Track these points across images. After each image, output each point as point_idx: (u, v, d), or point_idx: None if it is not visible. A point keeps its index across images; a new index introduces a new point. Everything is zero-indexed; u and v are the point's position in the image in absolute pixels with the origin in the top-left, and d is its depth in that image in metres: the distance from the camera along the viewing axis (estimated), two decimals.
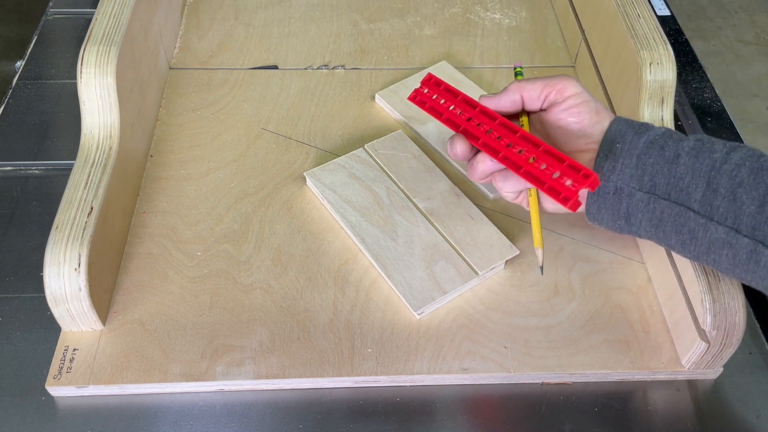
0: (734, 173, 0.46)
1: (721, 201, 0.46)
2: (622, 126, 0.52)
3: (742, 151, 0.47)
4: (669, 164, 0.49)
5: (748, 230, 0.45)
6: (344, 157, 0.66)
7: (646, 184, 0.49)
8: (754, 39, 2.12)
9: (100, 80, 0.57)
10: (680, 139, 0.50)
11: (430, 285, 0.57)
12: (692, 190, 0.47)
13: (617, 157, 0.50)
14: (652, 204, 0.49)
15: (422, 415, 0.52)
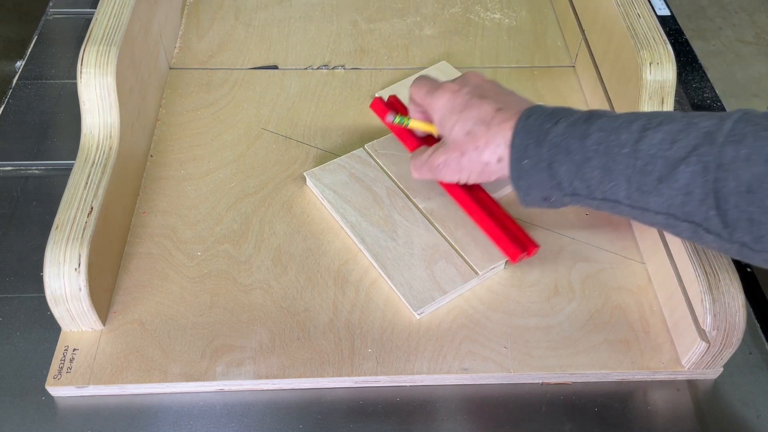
0: (649, 168, 0.45)
1: (648, 197, 0.46)
2: (523, 138, 0.50)
3: (649, 135, 0.46)
4: (580, 167, 0.48)
5: (684, 215, 0.45)
6: (344, 157, 0.66)
7: (567, 189, 0.49)
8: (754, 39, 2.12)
9: (100, 80, 0.57)
10: (583, 135, 0.48)
11: (430, 285, 0.57)
12: (616, 189, 0.47)
13: (530, 174, 0.50)
14: (582, 202, 0.50)
15: (422, 415, 0.52)
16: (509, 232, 0.58)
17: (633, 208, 0.47)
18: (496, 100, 0.53)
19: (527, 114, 0.51)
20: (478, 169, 0.53)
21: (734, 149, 0.42)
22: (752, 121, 0.43)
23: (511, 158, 0.50)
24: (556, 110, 0.51)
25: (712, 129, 0.44)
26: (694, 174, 0.43)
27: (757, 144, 0.42)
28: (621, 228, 0.64)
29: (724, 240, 0.44)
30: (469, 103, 0.54)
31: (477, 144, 0.52)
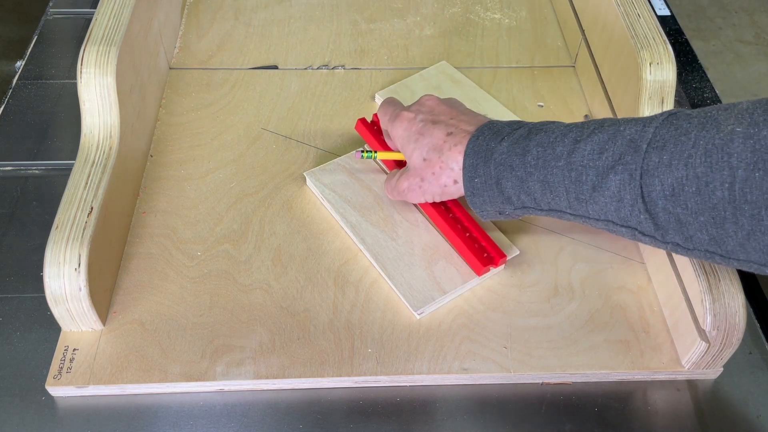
0: (582, 178, 0.48)
1: (586, 205, 0.49)
2: (472, 158, 0.53)
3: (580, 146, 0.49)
4: (524, 182, 0.51)
5: (621, 221, 0.48)
6: (344, 157, 0.66)
7: (516, 203, 0.52)
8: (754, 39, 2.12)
9: (100, 80, 0.57)
10: (524, 151, 0.51)
11: (430, 285, 0.57)
12: (558, 199, 0.50)
13: (481, 191, 0.53)
14: (532, 212, 0.53)
15: (422, 415, 0.52)
16: (475, 245, 0.58)
17: (575, 216, 0.51)
18: (447, 124, 0.56)
19: (476, 135, 0.54)
20: (438, 191, 0.57)
21: (657, 155, 0.44)
22: (674, 124, 0.45)
23: (464, 178, 0.54)
24: (502, 128, 0.54)
25: (635, 137, 0.46)
26: (622, 181, 0.46)
27: (677, 149, 0.44)
28: None
29: (659, 241, 0.47)
30: (423, 130, 0.57)
31: (433, 170, 0.56)
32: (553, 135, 0.50)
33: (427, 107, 0.59)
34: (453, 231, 0.59)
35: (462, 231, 0.59)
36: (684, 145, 0.43)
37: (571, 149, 0.49)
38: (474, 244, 0.58)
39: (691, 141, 0.43)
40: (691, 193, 0.43)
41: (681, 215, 0.44)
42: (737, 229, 0.42)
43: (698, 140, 0.43)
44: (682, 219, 0.44)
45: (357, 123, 0.68)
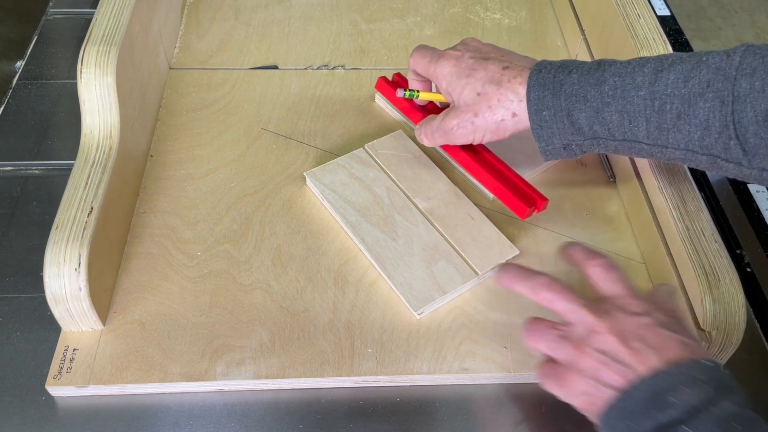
0: (667, 106, 0.48)
1: (667, 134, 0.49)
2: (538, 91, 0.52)
3: (663, 75, 0.48)
4: (600, 112, 0.50)
5: (703, 149, 0.48)
6: (344, 157, 0.66)
7: (587, 134, 0.51)
8: (754, 39, 2.12)
9: (100, 80, 0.57)
10: (599, 82, 0.50)
11: (430, 285, 0.57)
12: (636, 129, 0.50)
13: (550, 123, 0.52)
14: (602, 145, 0.52)
15: (422, 415, 0.52)
16: (516, 188, 0.58)
17: (653, 146, 0.50)
18: (500, 60, 0.55)
19: (538, 68, 0.53)
20: (492, 127, 0.55)
21: (748, 82, 0.45)
22: (758, 53, 0.46)
23: (530, 111, 0.52)
24: (565, 62, 0.53)
25: (722, 65, 0.46)
26: (712, 108, 0.46)
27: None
28: (621, 228, 0.64)
29: (744, 167, 0.47)
30: (475, 66, 0.55)
31: (490, 103, 0.54)
32: (630, 66, 0.50)
33: (473, 47, 0.58)
34: (491, 175, 0.57)
35: (500, 175, 0.58)
36: None
37: (653, 78, 0.48)
38: (514, 187, 0.58)
39: None
40: None
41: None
42: None
43: None
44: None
45: (378, 81, 0.67)
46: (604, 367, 0.43)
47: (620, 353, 0.43)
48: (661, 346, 0.42)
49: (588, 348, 0.44)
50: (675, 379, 0.41)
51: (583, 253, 0.50)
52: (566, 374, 0.45)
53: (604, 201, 0.66)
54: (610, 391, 0.42)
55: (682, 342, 0.43)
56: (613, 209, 0.65)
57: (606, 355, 0.43)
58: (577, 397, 0.45)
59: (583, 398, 0.44)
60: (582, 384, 0.44)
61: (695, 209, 0.56)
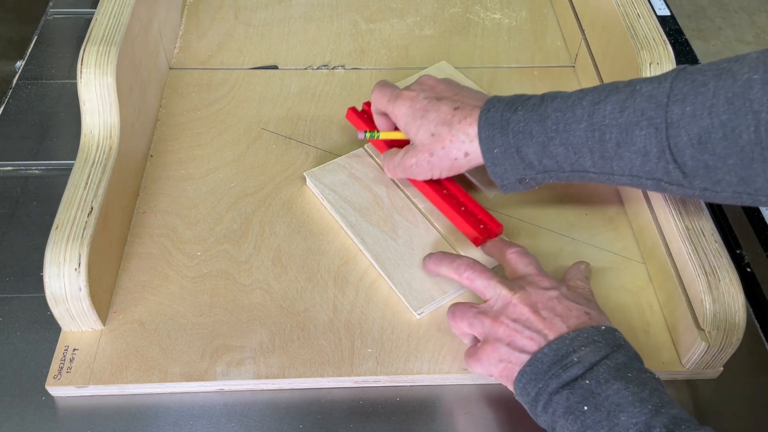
0: (606, 137, 0.50)
1: (611, 162, 0.51)
2: (488, 131, 0.54)
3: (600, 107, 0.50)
4: (546, 148, 0.52)
5: (646, 174, 0.50)
6: (344, 157, 0.66)
7: (538, 168, 0.53)
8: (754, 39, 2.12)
9: (100, 80, 0.57)
10: (542, 117, 0.52)
11: (430, 285, 0.57)
12: (582, 160, 0.52)
13: (501, 160, 0.54)
14: (554, 176, 0.54)
15: (422, 415, 0.52)
16: (471, 217, 0.59)
17: (600, 174, 0.52)
18: (452, 99, 0.57)
19: (487, 107, 0.55)
20: (447, 165, 0.57)
21: (679, 107, 0.47)
22: (689, 78, 0.48)
23: (482, 149, 0.55)
24: (512, 100, 0.55)
25: (654, 92, 0.49)
26: (647, 135, 0.49)
27: (699, 100, 0.47)
28: (621, 228, 0.64)
29: (686, 188, 0.50)
30: (428, 107, 0.57)
31: (443, 144, 0.56)
32: (570, 100, 0.52)
33: (427, 85, 0.60)
34: (449, 205, 0.59)
35: (458, 205, 0.60)
36: (704, 96, 0.46)
37: (592, 111, 0.51)
38: (470, 216, 0.59)
39: (711, 91, 0.46)
40: (718, 139, 0.46)
41: (709, 161, 0.47)
42: (765, 167, 0.45)
43: (717, 90, 0.46)
44: (710, 164, 0.47)
45: (348, 112, 0.68)
46: (517, 334, 0.48)
47: (532, 321, 0.48)
48: (566, 315, 0.48)
49: (503, 317, 0.49)
50: (577, 342, 0.46)
51: (501, 243, 0.57)
52: (484, 347, 0.50)
53: (604, 201, 0.66)
54: (524, 356, 0.47)
55: (585, 312, 0.49)
56: (613, 209, 0.65)
57: (519, 323, 0.49)
58: (495, 366, 0.49)
59: (501, 366, 0.49)
60: (499, 351, 0.49)
61: (695, 209, 0.56)
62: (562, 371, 0.45)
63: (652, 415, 0.42)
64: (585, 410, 0.44)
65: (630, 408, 0.43)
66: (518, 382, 0.47)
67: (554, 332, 0.47)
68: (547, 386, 0.46)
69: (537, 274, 0.53)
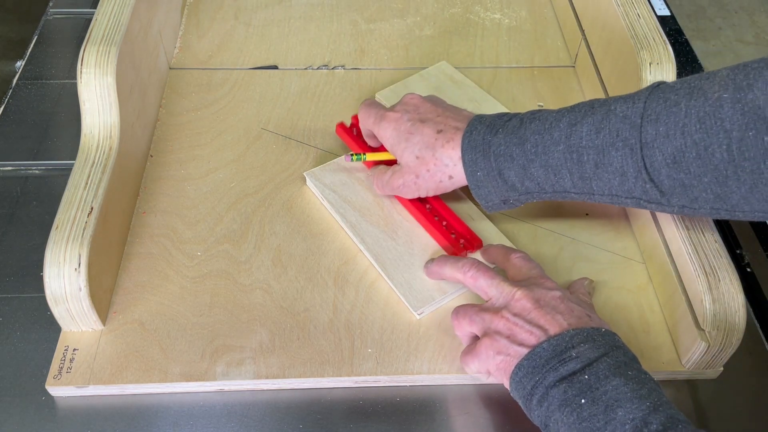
0: (584, 158, 0.51)
1: (590, 182, 0.52)
2: (471, 154, 0.55)
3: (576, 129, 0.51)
4: (527, 170, 0.53)
5: (625, 193, 0.51)
6: (344, 157, 0.66)
7: (520, 189, 0.54)
8: (754, 39, 2.12)
9: (100, 80, 0.57)
10: (521, 140, 0.53)
11: (430, 285, 0.57)
12: (562, 181, 0.53)
13: (485, 183, 0.55)
14: (536, 196, 0.55)
15: (422, 415, 0.52)
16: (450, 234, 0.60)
17: (580, 194, 0.53)
18: (435, 122, 0.58)
19: (469, 130, 0.55)
20: (433, 186, 0.58)
21: (653, 128, 0.48)
22: (662, 97, 0.48)
23: (466, 172, 0.55)
24: (493, 121, 0.55)
25: (628, 113, 0.49)
26: (623, 156, 0.49)
27: (671, 120, 0.47)
28: (621, 228, 0.64)
29: (665, 205, 0.50)
30: (411, 129, 0.58)
31: (428, 167, 0.57)
32: (548, 122, 0.52)
33: (411, 106, 0.60)
34: (428, 221, 0.60)
35: (438, 221, 0.60)
36: (677, 116, 0.47)
37: (569, 133, 0.51)
38: (450, 232, 0.59)
39: (683, 111, 0.47)
40: (692, 159, 0.46)
41: (685, 179, 0.47)
42: (740, 185, 0.46)
43: (689, 110, 0.46)
44: (686, 183, 0.47)
45: (336, 128, 0.68)
46: (517, 327, 0.49)
47: (534, 316, 0.49)
48: (568, 314, 0.49)
49: (505, 311, 0.50)
50: (577, 339, 0.47)
51: (505, 248, 0.57)
52: (483, 340, 0.50)
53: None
54: (523, 349, 0.47)
55: (587, 314, 0.49)
56: (613, 209, 0.65)
57: (520, 318, 0.49)
58: (492, 359, 0.49)
59: (498, 359, 0.49)
60: (498, 344, 0.49)
61: None
62: (561, 365, 0.46)
63: (649, 411, 0.42)
64: (582, 403, 0.44)
65: (628, 404, 0.43)
66: (515, 375, 0.47)
67: (555, 328, 0.48)
68: (544, 379, 0.46)
69: (541, 276, 0.53)
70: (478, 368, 0.50)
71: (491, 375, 0.50)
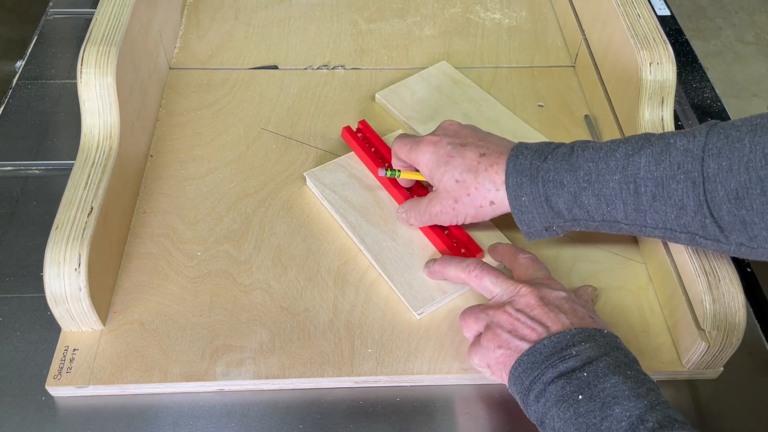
0: (642, 189, 0.49)
1: (645, 215, 0.50)
2: (516, 177, 0.53)
3: (634, 159, 0.50)
4: (577, 197, 0.52)
5: (681, 228, 0.50)
6: (344, 157, 0.66)
7: (567, 217, 0.53)
8: (754, 39, 2.12)
9: (100, 80, 0.57)
10: (573, 167, 0.52)
11: (430, 285, 0.57)
12: (614, 211, 0.51)
13: (529, 208, 0.54)
14: (583, 225, 0.53)
15: (422, 415, 0.52)
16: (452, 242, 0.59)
17: (630, 226, 0.52)
18: (477, 145, 0.56)
19: (515, 154, 0.54)
20: (472, 212, 0.57)
21: (716, 162, 0.47)
22: (722, 133, 0.47)
23: (509, 196, 0.54)
24: (541, 147, 0.54)
25: (689, 146, 0.48)
26: (685, 189, 0.48)
27: (735, 155, 0.46)
28: None
29: (722, 243, 0.48)
30: (452, 152, 0.56)
31: (468, 191, 0.56)
32: (602, 151, 0.51)
33: (451, 131, 0.58)
34: (431, 230, 0.60)
35: (440, 229, 0.60)
36: (740, 151, 0.46)
37: (625, 163, 0.50)
38: (452, 241, 0.59)
39: (747, 147, 0.46)
40: (756, 195, 0.45)
41: (746, 216, 0.46)
42: None
43: (754, 146, 0.46)
44: (747, 219, 0.46)
45: (342, 131, 0.67)
46: (519, 323, 0.49)
47: (537, 312, 0.49)
48: (571, 313, 0.49)
49: (508, 306, 0.50)
50: (578, 337, 0.47)
51: (513, 248, 0.57)
52: (485, 333, 0.50)
53: None
54: (524, 344, 0.48)
55: (590, 316, 0.50)
56: None
57: (523, 313, 0.49)
58: (493, 352, 0.49)
59: (498, 353, 0.49)
60: (499, 338, 0.49)
61: None
62: (560, 362, 0.46)
63: (646, 409, 0.42)
64: (579, 399, 0.44)
65: (626, 401, 0.43)
66: (514, 370, 0.48)
67: (557, 326, 0.48)
68: (542, 375, 0.46)
69: (547, 277, 0.53)
70: (480, 362, 0.51)
71: (491, 369, 0.50)
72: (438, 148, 0.57)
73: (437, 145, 0.57)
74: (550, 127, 0.72)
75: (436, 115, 0.72)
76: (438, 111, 0.72)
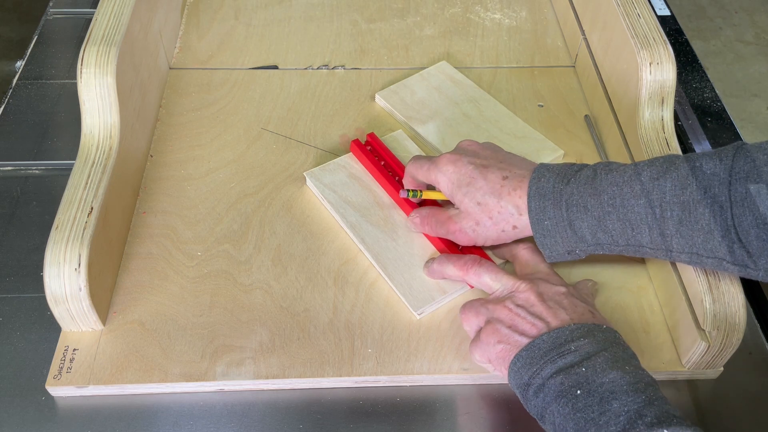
0: (668, 213, 0.48)
1: (670, 240, 0.49)
2: (539, 201, 0.52)
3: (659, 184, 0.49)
4: (602, 222, 0.51)
5: (708, 253, 0.48)
6: (344, 157, 0.66)
7: (590, 241, 0.52)
8: (754, 39, 2.12)
9: (100, 80, 0.57)
10: (597, 191, 0.51)
11: (430, 285, 0.57)
12: (639, 235, 0.50)
13: (552, 232, 0.52)
14: (606, 249, 0.52)
15: (422, 415, 0.52)
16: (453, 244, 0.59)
17: (656, 250, 0.50)
18: (499, 168, 0.55)
19: (536, 177, 0.53)
20: (494, 236, 0.55)
21: (743, 186, 0.46)
22: (748, 157, 0.47)
23: (531, 220, 0.53)
24: (563, 169, 0.53)
25: (716, 170, 0.47)
26: (712, 214, 0.47)
27: (763, 180, 0.46)
28: None
29: (750, 269, 0.47)
30: (474, 174, 0.55)
31: (490, 215, 0.54)
32: (626, 174, 0.51)
33: (470, 151, 0.57)
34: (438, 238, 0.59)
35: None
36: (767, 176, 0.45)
37: (650, 187, 0.49)
38: (452, 244, 0.59)
39: None
40: None
41: None
42: None
43: None
44: None
45: (351, 145, 0.67)
46: (519, 318, 0.49)
47: (536, 307, 0.50)
48: (571, 309, 0.49)
49: (508, 302, 0.51)
50: (577, 333, 0.47)
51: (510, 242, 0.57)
52: (485, 328, 0.51)
53: None
54: (523, 339, 0.48)
55: (590, 311, 0.50)
56: None
57: (523, 309, 0.50)
58: (492, 347, 0.49)
59: (498, 348, 0.49)
60: (499, 333, 0.49)
61: None
62: (559, 357, 0.46)
63: (644, 405, 0.43)
64: (578, 394, 0.44)
65: (624, 397, 0.43)
66: (513, 365, 0.48)
67: (557, 321, 0.48)
68: (541, 370, 0.46)
69: (548, 272, 0.53)
70: (481, 357, 0.51)
71: (492, 363, 0.50)
72: (458, 167, 0.56)
73: (457, 164, 0.56)
74: (550, 127, 0.72)
75: (436, 115, 0.72)
76: (438, 111, 0.72)
